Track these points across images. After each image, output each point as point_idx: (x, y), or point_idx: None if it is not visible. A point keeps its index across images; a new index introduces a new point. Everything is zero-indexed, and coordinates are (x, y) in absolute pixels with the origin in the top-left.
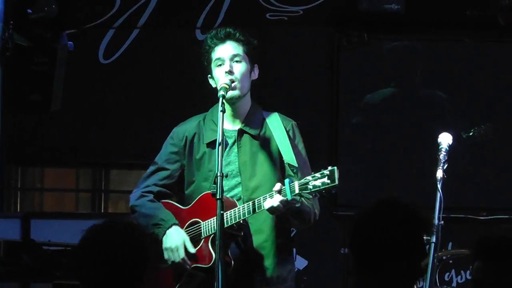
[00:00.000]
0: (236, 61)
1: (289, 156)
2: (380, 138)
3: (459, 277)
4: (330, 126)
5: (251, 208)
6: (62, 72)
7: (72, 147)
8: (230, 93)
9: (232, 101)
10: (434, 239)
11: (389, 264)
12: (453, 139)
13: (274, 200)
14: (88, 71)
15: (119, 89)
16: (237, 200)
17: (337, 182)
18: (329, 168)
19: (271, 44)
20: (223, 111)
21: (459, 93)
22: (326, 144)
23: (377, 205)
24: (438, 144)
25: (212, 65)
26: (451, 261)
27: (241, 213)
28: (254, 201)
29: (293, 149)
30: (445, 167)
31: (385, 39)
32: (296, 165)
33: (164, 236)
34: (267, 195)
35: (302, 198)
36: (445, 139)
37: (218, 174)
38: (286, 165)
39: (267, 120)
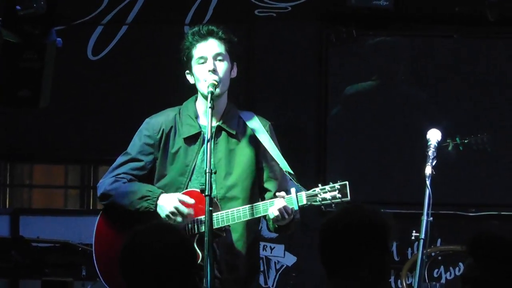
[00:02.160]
0: (219, 60)
1: (284, 164)
2: (369, 135)
3: (448, 273)
4: (318, 122)
5: (247, 212)
6: (51, 68)
7: (61, 144)
8: (213, 89)
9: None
10: (423, 235)
11: (350, 270)
12: (442, 136)
13: (280, 208)
14: (77, 68)
15: (107, 86)
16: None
17: (349, 197)
18: (340, 182)
19: (259, 41)
20: (212, 107)
21: (448, 88)
22: (314, 139)
23: (340, 213)
24: (427, 141)
25: (193, 62)
26: (440, 258)
27: (236, 216)
28: (253, 206)
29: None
30: (434, 164)
31: (374, 35)
32: (292, 172)
33: (158, 208)
34: (268, 201)
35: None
36: (433, 136)
37: (207, 171)
38: (285, 171)
39: (246, 120)
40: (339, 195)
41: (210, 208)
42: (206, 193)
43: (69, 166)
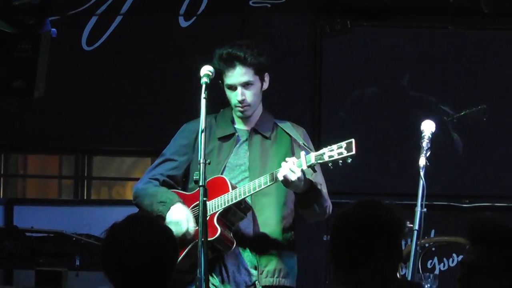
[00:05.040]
0: (247, 86)
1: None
2: (363, 126)
3: (442, 264)
4: (313, 113)
5: (267, 179)
6: (46, 58)
7: (55, 134)
8: (241, 114)
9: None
10: (417, 227)
11: (362, 266)
12: (436, 127)
13: (286, 168)
14: (71, 58)
15: (102, 76)
16: None
17: (354, 151)
18: (346, 140)
19: (254, 32)
20: (206, 98)
21: (442, 79)
22: (308, 131)
23: (354, 208)
24: (421, 132)
25: (224, 84)
26: (433, 249)
27: (256, 185)
28: (272, 173)
29: None
30: (428, 155)
31: (368, 26)
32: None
33: (168, 212)
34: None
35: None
36: (428, 127)
37: (201, 161)
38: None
39: (280, 124)
40: (345, 151)
41: (204, 199)
42: (200, 184)
43: (63, 156)
